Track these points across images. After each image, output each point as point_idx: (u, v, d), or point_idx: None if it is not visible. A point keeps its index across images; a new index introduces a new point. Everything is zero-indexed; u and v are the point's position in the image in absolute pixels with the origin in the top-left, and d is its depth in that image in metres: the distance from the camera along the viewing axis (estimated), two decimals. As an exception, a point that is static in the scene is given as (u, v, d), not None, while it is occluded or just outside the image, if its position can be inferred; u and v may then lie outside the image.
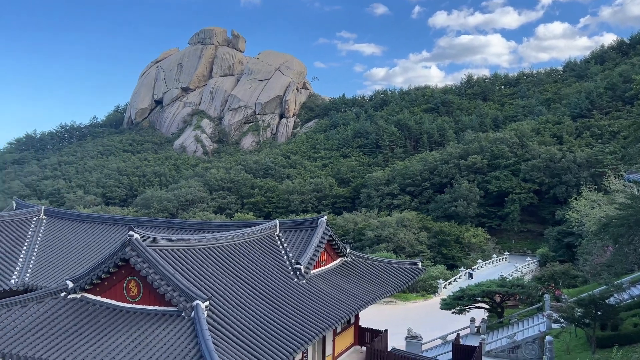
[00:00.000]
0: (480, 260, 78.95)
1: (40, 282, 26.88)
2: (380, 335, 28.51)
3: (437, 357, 33.34)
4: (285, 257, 24.89)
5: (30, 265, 28.60)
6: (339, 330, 26.71)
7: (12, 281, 26.94)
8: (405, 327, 35.44)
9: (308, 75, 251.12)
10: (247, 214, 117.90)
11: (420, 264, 30.48)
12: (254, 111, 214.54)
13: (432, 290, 62.18)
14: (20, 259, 29.10)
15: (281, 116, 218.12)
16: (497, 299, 39.00)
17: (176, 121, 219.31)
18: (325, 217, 27.55)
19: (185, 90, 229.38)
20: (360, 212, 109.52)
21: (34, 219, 33.92)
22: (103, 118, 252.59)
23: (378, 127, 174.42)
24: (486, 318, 39.78)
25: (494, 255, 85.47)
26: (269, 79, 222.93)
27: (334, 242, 27.53)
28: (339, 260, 28.25)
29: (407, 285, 29.01)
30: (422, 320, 44.93)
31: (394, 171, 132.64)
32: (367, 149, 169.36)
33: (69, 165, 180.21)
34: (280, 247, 25.79)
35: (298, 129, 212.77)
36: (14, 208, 35.35)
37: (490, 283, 38.18)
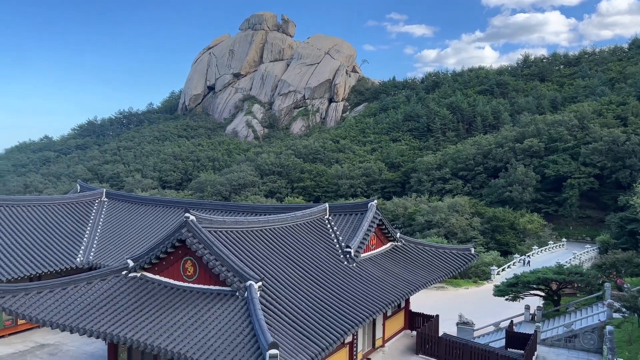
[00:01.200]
0: (535, 247, 76.44)
1: (103, 261, 28.34)
2: (431, 321, 28.29)
3: (490, 344, 32.74)
4: (335, 240, 25.03)
5: (94, 245, 30.17)
6: (389, 314, 26.71)
7: (78, 259, 28.55)
8: (456, 313, 34.95)
9: (357, 59, 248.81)
10: (297, 197, 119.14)
11: (473, 250, 29.90)
12: (304, 96, 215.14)
13: (485, 276, 60.89)
14: (85, 239, 30.74)
15: (330, 100, 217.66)
16: (554, 286, 37.71)
17: (228, 107, 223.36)
18: (375, 201, 27.45)
19: (237, 76, 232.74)
20: (411, 197, 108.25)
21: (97, 201, 35.68)
22: (159, 104, 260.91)
23: (429, 110, 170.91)
24: (541, 306, 38.60)
25: (551, 242, 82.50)
26: (318, 63, 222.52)
27: (384, 226, 27.41)
28: (389, 244, 28.13)
29: (459, 271, 28.57)
30: (474, 307, 44.16)
31: (446, 155, 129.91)
32: (417, 133, 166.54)
33: (127, 150, 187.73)
34: (330, 230, 25.95)
35: (347, 113, 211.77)
36: (79, 191, 37.31)
37: (546, 270, 36.90)
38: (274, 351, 13.30)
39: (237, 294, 17.59)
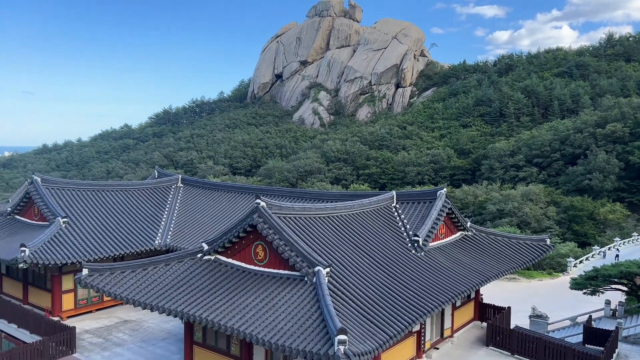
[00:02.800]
0: (617, 239, 71.81)
1: (179, 244, 29.81)
2: (502, 312, 27.49)
3: (566, 339, 31.33)
4: (402, 228, 24.82)
5: (171, 228, 31.76)
6: (458, 304, 26.21)
7: (156, 242, 30.21)
8: (529, 305, 33.75)
9: (426, 43, 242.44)
10: (363, 185, 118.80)
11: (548, 241, 28.63)
12: (370, 82, 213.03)
13: (561, 268, 58.13)
14: (162, 222, 32.43)
15: (397, 86, 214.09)
16: (638, 281, 35.35)
17: (295, 94, 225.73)
18: (445, 189, 26.88)
19: (304, 63, 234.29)
20: (481, 185, 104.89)
21: (173, 186, 37.47)
22: (229, 93, 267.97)
23: (502, 94, 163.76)
24: (624, 301, 36.38)
25: (635, 234, 77.13)
26: (385, 48, 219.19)
27: (453, 215, 26.82)
28: (458, 233, 27.51)
29: (532, 262, 27.47)
30: (548, 300, 42.39)
31: (520, 141, 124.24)
32: (489, 118, 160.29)
33: (200, 138, 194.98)
34: (397, 218, 25.74)
35: (415, 98, 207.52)
36: (156, 177, 39.32)
37: (630, 263, 34.59)
38: (342, 337, 13.48)
39: (305, 279, 17.93)
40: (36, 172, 34.81)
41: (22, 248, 24.53)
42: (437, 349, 24.09)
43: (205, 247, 21.25)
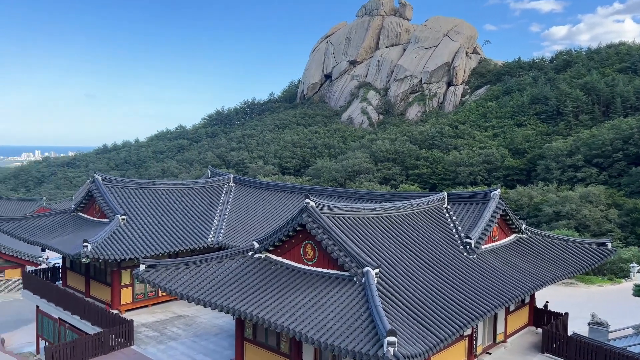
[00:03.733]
0: (687, 245, 67.45)
1: (231, 242, 30.47)
2: (559, 318, 26.46)
3: (628, 348, 29.74)
4: (454, 230, 24.34)
5: (223, 226, 32.53)
6: (511, 308, 25.44)
7: (209, 239, 31.02)
8: (587, 312, 32.32)
9: (479, 40, 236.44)
10: (412, 185, 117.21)
11: (609, 245, 27.31)
12: (420, 80, 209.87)
13: (623, 274, 55.21)
14: (215, 221, 33.25)
15: (449, 84, 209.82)
16: None
17: (344, 94, 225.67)
18: (498, 190, 26.17)
19: (353, 63, 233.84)
20: (537, 186, 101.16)
21: (225, 186, 38.36)
22: (279, 94, 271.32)
23: (560, 91, 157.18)
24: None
25: None
26: (436, 46, 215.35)
27: (507, 217, 26.05)
28: (513, 236, 26.69)
29: (592, 267, 26.27)
30: (609, 307, 40.41)
31: (578, 140, 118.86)
32: (545, 117, 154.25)
33: (250, 138, 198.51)
34: (449, 220, 25.27)
35: (467, 97, 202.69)
36: (209, 176, 40.37)
37: (701, 271, 32.50)
38: (392, 338, 13.38)
39: (354, 279, 17.92)
40: (97, 172, 36.53)
41: (85, 244, 25.81)
42: (490, 353, 23.47)
43: (256, 245, 21.63)
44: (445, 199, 26.80)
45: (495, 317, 24.02)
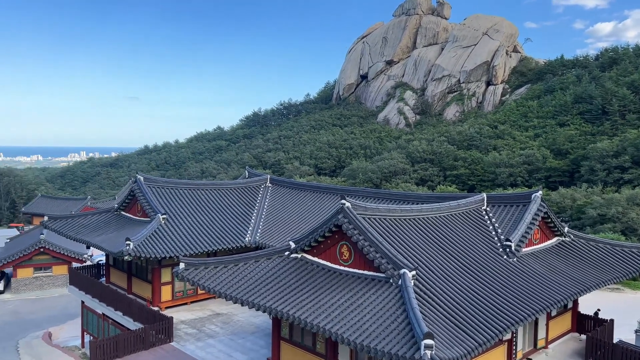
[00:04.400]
0: None
1: (268, 241, 30.80)
2: (604, 325, 25.52)
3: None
4: (493, 232, 23.86)
5: (260, 226, 32.91)
6: (553, 314, 24.72)
7: (246, 239, 31.44)
8: (635, 319, 30.98)
9: (519, 38, 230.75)
10: (450, 186, 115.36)
11: (659, 250, 26.12)
12: (458, 80, 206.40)
13: (673, 281, 52.70)
14: (252, 221, 33.68)
15: (488, 83, 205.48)
16: None
17: (380, 94, 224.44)
18: (540, 191, 25.49)
19: (389, 63, 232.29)
20: (580, 188, 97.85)
21: (262, 186, 38.80)
22: (315, 95, 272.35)
23: (605, 90, 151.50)
24: None
25: None
26: (475, 45, 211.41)
27: (549, 220, 25.34)
28: (555, 239, 25.94)
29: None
30: (659, 315, 38.63)
31: (625, 141, 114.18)
32: (590, 116, 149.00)
33: (287, 139, 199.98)
34: (488, 222, 24.78)
35: (507, 96, 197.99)
36: (247, 176, 40.91)
37: None
38: (429, 341, 13.24)
39: (390, 281, 17.81)
40: (139, 172, 37.60)
41: (127, 242, 26.62)
42: (530, 359, 22.89)
43: (292, 245, 21.79)
44: (485, 201, 26.29)
45: (536, 322, 23.40)
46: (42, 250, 55.86)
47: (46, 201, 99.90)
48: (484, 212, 25.57)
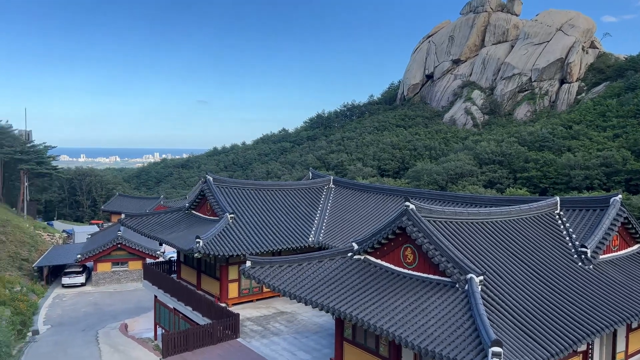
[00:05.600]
0: None
1: (331, 242, 31.01)
2: (692, 341, 23.53)
3: None
4: (567, 238, 22.71)
5: (323, 227, 33.19)
6: (634, 326, 23.13)
7: (310, 239, 31.81)
8: None
9: (597, 33, 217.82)
10: (520, 189, 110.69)
11: None
12: (530, 78, 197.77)
13: None
14: (315, 221, 34.03)
15: (562, 81, 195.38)
16: None
17: (446, 94, 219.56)
18: (620, 195, 23.96)
19: (456, 62, 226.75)
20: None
21: (325, 187, 39.09)
22: (378, 96, 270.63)
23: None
24: None
25: None
26: (548, 42, 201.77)
27: (630, 225, 23.78)
28: (636, 246, 24.31)
29: None
30: None
31: None
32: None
33: (350, 140, 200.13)
34: (562, 227, 23.62)
35: (583, 94, 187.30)
36: (310, 177, 41.38)
37: None
38: (497, 349, 12.82)
39: (456, 285, 17.40)
40: (208, 172, 39.02)
41: (197, 240, 27.71)
42: (608, 374, 21.54)
43: (355, 246, 21.81)
44: (558, 205, 25.07)
45: (614, 334, 21.99)
46: (119, 246, 59.34)
47: (123, 200, 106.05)
48: (557, 217, 24.39)
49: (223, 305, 29.97)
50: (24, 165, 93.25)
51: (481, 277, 17.13)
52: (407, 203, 19.91)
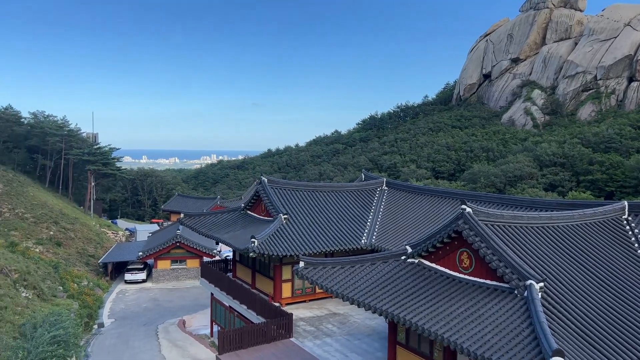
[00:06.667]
0: None
1: (383, 245, 30.78)
2: None
3: None
4: (636, 245, 21.51)
5: (376, 229, 33.00)
6: None
7: (362, 241, 31.72)
8: None
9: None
10: (584, 192, 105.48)
11: None
12: (595, 77, 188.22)
13: None
14: (368, 223, 33.89)
15: (630, 79, 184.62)
16: None
17: (504, 94, 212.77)
18: (696, 200, 22.35)
19: (515, 61, 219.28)
20: None
21: (378, 189, 38.87)
22: (433, 96, 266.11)
23: None
24: None
25: None
26: (615, 38, 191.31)
27: None
28: None
29: None
30: None
31: None
32: None
33: (403, 142, 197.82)
34: (630, 233, 22.38)
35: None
36: (363, 179, 41.27)
37: None
38: (558, 359, 12.32)
39: (515, 292, 16.86)
40: (263, 174, 39.73)
41: (252, 239, 28.28)
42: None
43: (409, 249, 21.57)
44: (626, 209, 23.77)
45: (689, 349, 20.56)
46: (177, 244, 61.50)
47: (182, 200, 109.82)
48: (625, 222, 23.11)
49: (277, 304, 30.40)
50: (91, 166, 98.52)
51: (541, 284, 16.51)
52: (464, 206, 19.49)
